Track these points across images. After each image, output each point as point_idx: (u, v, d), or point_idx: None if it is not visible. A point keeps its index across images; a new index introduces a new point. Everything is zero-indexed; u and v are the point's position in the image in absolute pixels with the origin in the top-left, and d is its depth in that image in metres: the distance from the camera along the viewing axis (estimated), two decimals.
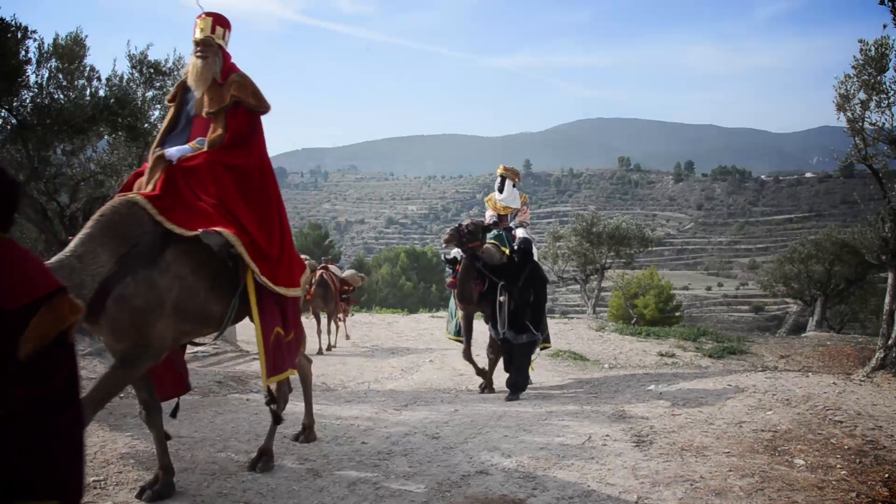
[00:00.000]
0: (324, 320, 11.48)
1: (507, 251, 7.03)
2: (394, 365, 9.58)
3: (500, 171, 7.77)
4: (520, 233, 7.36)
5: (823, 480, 3.59)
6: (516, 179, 7.65)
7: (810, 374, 6.93)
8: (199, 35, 3.80)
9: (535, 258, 7.19)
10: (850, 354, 10.49)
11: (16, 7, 6.33)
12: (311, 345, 11.57)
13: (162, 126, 3.96)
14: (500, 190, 7.57)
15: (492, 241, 7.22)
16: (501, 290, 6.44)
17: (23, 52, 6.12)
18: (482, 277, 6.62)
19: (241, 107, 3.80)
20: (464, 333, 7.29)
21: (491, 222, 7.33)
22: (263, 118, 4.00)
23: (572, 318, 21.21)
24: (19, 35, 6.03)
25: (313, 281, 10.72)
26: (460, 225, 6.52)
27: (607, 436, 4.58)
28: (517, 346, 6.46)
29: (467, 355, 7.20)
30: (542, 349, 7.45)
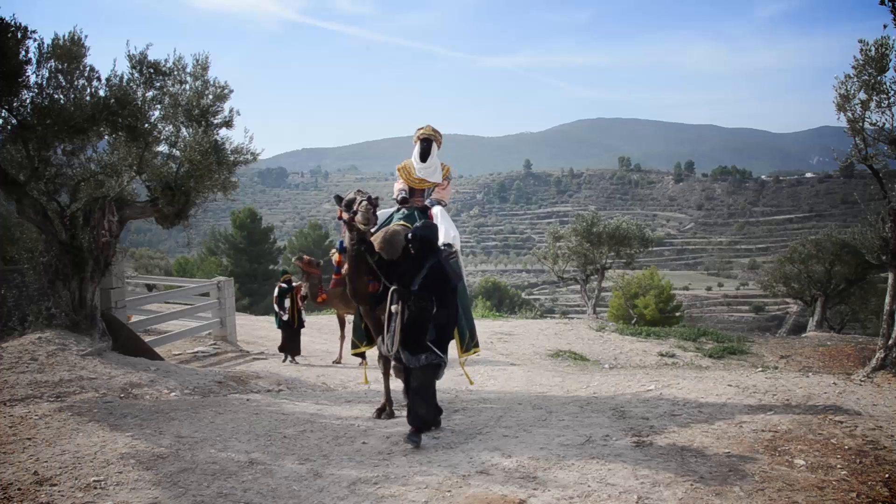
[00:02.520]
0: (348, 325, 9.98)
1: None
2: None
3: (424, 131, 5.97)
4: (437, 212, 5.77)
5: (823, 480, 3.59)
6: (440, 144, 6.06)
7: (810, 374, 6.93)
8: None
9: (456, 252, 5.54)
10: (851, 354, 10.49)
11: (15, 7, 6.33)
12: (329, 354, 11.48)
13: None
14: (424, 157, 5.91)
15: (401, 223, 5.69)
16: (393, 296, 4.75)
17: (23, 53, 6.11)
18: (376, 273, 5.05)
19: None
20: (373, 332, 5.55)
21: (399, 197, 5.88)
22: (263, 119, 4.04)
23: (572, 318, 21.21)
24: (19, 35, 6.03)
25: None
26: (370, 197, 4.93)
27: (607, 436, 4.57)
28: (415, 372, 4.79)
29: (385, 366, 5.61)
30: (467, 357, 5.80)
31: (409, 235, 4.86)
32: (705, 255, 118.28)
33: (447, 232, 5.55)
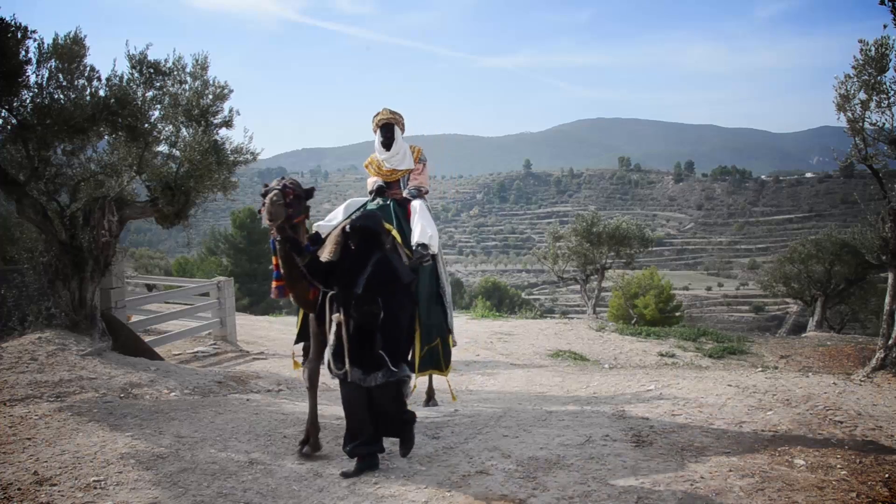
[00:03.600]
0: None
1: (395, 232, 4.80)
2: None
3: (382, 116, 5.36)
4: (416, 207, 5.21)
5: (823, 480, 3.59)
6: (403, 127, 5.48)
7: (810, 374, 6.93)
8: None
9: (432, 256, 5.02)
10: (851, 354, 10.49)
11: (15, 6, 6.33)
12: None
13: None
14: (387, 145, 5.35)
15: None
16: (332, 302, 4.06)
17: (23, 53, 6.11)
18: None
19: None
20: (312, 342, 4.60)
21: (376, 187, 5.34)
22: (263, 119, 4.02)
23: (572, 318, 21.22)
24: (19, 35, 6.03)
25: None
26: (286, 184, 4.07)
27: (607, 436, 4.57)
28: (376, 392, 4.02)
29: (311, 377, 4.64)
30: (441, 376, 5.33)
31: (348, 228, 4.18)
32: (705, 255, 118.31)
33: (423, 230, 4.98)
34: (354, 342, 3.97)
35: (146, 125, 7.09)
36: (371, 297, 3.96)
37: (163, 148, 7.62)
